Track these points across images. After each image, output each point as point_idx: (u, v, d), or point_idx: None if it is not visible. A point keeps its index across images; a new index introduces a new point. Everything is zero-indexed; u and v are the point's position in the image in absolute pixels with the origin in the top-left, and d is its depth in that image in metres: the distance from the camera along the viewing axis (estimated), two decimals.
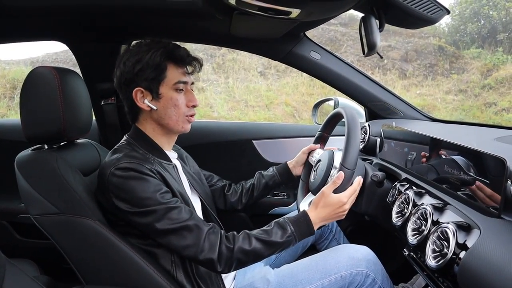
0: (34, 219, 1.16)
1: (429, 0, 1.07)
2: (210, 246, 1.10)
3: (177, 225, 1.09)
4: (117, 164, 1.11)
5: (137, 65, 1.16)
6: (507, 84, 8.51)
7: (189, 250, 1.10)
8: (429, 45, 9.84)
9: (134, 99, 1.19)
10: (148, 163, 1.14)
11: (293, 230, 1.18)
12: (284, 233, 1.17)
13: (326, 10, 1.15)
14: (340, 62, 1.82)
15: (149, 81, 1.17)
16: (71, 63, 8.77)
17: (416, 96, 8.70)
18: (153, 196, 1.09)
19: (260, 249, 1.14)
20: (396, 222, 1.17)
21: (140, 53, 1.17)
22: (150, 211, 1.08)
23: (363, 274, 1.23)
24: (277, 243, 1.16)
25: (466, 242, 0.84)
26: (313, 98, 8.38)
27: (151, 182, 1.11)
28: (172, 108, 1.20)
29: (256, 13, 1.16)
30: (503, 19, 10.21)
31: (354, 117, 1.27)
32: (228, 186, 1.60)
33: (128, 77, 1.18)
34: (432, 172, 1.22)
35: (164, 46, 1.18)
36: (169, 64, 1.18)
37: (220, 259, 1.10)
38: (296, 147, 2.01)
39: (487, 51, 9.83)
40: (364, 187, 1.35)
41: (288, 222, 1.20)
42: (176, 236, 1.10)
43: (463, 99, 8.65)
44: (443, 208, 1.01)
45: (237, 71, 9.06)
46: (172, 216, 1.10)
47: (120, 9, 1.43)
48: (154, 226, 1.09)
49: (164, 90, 1.19)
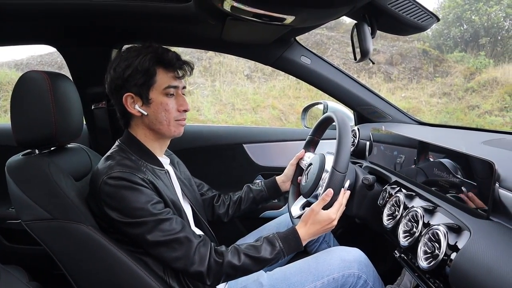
0: (25, 225, 1.15)
1: (419, 8, 1.10)
2: (200, 259, 1.11)
3: (168, 237, 1.10)
4: (109, 173, 1.10)
5: (126, 71, 1.15)
6: (489, 87, 8.69)
7: (179, 262, 1.11)
8: (414, 48, 9.98)
9: (124, 104, 1.19)
10: (141, 172, 1.14)
11: (282, 246, 1.20)
12: (273, 250, 1.19)
13: (320, 16, 1.17)
14: (330, 66, 1.84)
15: (139, 86, 1.16)
16: (56, 66, 8.67)
17: (401, 99, 8.81)
18: (144, 207, 1.09)
19: (249, 264, 1.16)
20: (387, 224, 1.19)
21: (129, 58, 1.16)
22: (141, 222, 1.08)
23: (355, 275, 1.25)
24: (266, 259, 1.18)
25: (457, 243, 0.86)
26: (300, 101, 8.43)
27: (143, 192, 1.11)
28: (163, 113, 1.20)
29: (251, 19, 1.18)
30: (485, 24, 10.43)
31: (345, 121, 1.29)
32: (217, 197, 1.59)
33: (118, 82, 1.17)
34: (421, 175, 1.24)
35: (154, 51, 1.18)
36: (158, 68, 1.17)
37: (209, 272, 1.12)
38: (286, 150, 2.03)
39: (470, 55, 10.02)
40: (355, 190, 1.37)
41: (277, 238, 1.22)
42: (167, 248, 1.10)
43: (447, 102, 8.80)
44: (434, 210, 1.03)
45: (224, 74, 9.05)
46: (163, 227, 1.10)
47: (111, 13, 1.43)
48: (145, 237, 1.09)
49: (154, 95, 1.18)
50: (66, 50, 1.74)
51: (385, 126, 1.69)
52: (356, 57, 1.32)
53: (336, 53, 9.97)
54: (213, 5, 1.13)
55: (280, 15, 1.10)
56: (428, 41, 10.93)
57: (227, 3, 1.04)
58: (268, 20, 1.15)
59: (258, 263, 1.17)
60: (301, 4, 1.02)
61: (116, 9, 1.39)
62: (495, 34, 10.63)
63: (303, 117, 2.27)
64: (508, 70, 8.91)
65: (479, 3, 10.55)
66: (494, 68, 9.26)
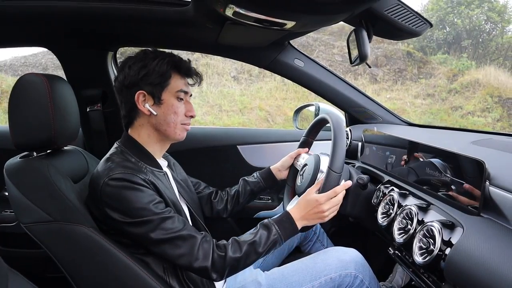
0: (25, 228, 1.14)
1: (413, 15, 1.14)
2: (204, 254, 1.13)
3: (171, 235, 1.11)
4: (110, 174, 1.11)
5: (142, 70, 1.19)
6: (472, 89, 8.89)
7: (183, 259, 1.12)
8: (398, 50, 10.13)
9: (136, 101, 1.21)
10: (142, 173, 1.15)
11: (278, 229, 1.22)
12: (269, 233, 1.21)
13: (319, 22, 1.20)
14: (322, 69, 1.88)
15: (153, 86, 1.20)
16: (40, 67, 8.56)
17: (387, 100, 8.94)
18: (147, 207, 1.10)
19: (250, 252, 1.17)
20: (382, 222, 1.23)
21: (146, 59, 1.20)
22: (145, 221, 1.09)
23: (352, 275, 1.28)
24: (265, 244, 1.19)
25: (451, 239, 0.91)
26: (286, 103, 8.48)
27: (145, 192, 1.12)
28: (172, 115, 1.23)
29: (252, 24, 1.20)
30: (467, 27, 10.66)
31: (340, 123, 1.32)
32: (214, 193, 1.61)
33: (133, 80, 1.20)
34: (412, 175, 1.28)
35: (171, 56, 1.23)
36: (173, 73, 1.23)
37: (214, 267, 1.13)
38: (279, 151, 2.05)
39: (453, 57, 10.23)
40: (349, 190, 1.41)
41: (272, 222, 1.24)
42: (170, 245, 1.11)
43: (431, 103, 8.97)
44: (427, 208, 1.07)
45: (211, 75, 9.05)
46: (166, 226, 1.11)
47: (109, 17, 1.44)
48: (149, 236, 1.10)
49: (166, 97, 1.22)
50: (62, 52, 1.75)
51: (377, 127, 1.73)
52: (353, 61, 1.36)
53: (322, 54, 10.05)
54: (212, 9, 1.16)
55: (281, 21, 1.13)
56: (412, 43, 11.12)
57: (229, 9, 1.07)
58: (269, 25, 1.18)
59: (258, 248, 1.18)
60: (303, 11, 1.05)
61: (114, 13, 1.40)
62: (477, 37, 10.88)
63: (295, 118, 2.29)
64: (489, 71, 9.13)
65: (461, 7, 10.79)
66: (476, 70, 9.47)
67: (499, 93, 8.63)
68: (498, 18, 10.84)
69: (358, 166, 1.69)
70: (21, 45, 1.70)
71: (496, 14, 10.80)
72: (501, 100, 8.56)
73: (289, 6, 1.02)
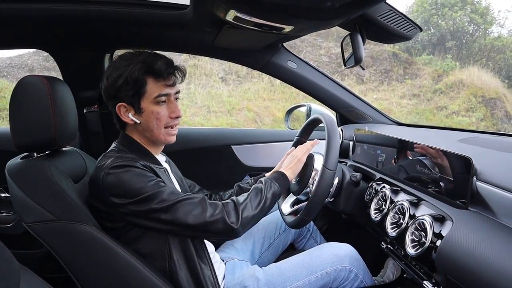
0: (28, 227, 1.15)
1: (405, 20, 1.20)
2: (215, 207, 1.16)
3: (177, 199, 1.13)
4: (110, 164, 1.14)
5: (118, 81, 1.18)
6: (456, 89, 9.04)
7: (197, 216, 1.13)
8: (384, 51, 10.23)
9: (118, 114, 1.23)
10: (142, 161, 1.18)
11: (267, 179, 1.31)
12: (264, 183, 1.29)
13: (316, 26, 1.25)
14: (314, 70, 1.93)
15: (130, 96, 1.19)
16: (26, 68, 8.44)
17: (373, 100, 9.02)
18: (148, 185, 1.12)
19: (255, 196, 1.24)
20: (375, 218, 1.28)
21: (120, 68, 1.18)
22: (148, 196, 1.11)
23: (347, 270, 1.33)
24: (263, 189, 1.27)
25: (441, 231, 0.96)
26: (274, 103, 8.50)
27: (144, 173, 1.14)
28: (154, 121, 1.23)
29: (251, 28, 1.24)
30: (451, 28, 10.84)
31: (333, 123, 1.37)
32: (208, 197, 1.62)
33: (111, 92, 1.20)
34: (402, 172, 1.34)
35: (143, 60, 1.19)
36: (148, 78, 1.19)
37: (229, 215, 1.16)
38: (273, 151, 2.09)
39: (437, 58, 10.38)
40: (343, 187, 1.46)
41: (261, 180, 1.33)
42: (180, 207, 1.13)
43: (416, 103, 9.09)
44: (418, 203, 1.13)
45: (199, 77, 9.01)
46: (169, 196, 1.13)
47: (105, 19, 1.46)
48: (155, 208, 1.11)
49: (145, 105, 1.21)
50: (60, 54, 1.76)
51: (367, 127, 1.78)
52: (346, 63, 1.41)
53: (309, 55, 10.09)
54: (212, 13, 1.19)
55: (280, 25, 1.17)
56: (398, 44, 11.22)
57: (231, 13, 1.10)
58: (268, 29, 1.22)
59: (260, 192, 1.25)
60: (302, 16, 1.09)
61: (112, 16, 1.42)
62: (460, 38, 11.07)
63: (287, 119, 2.33)
64: (473, 72, 9.29)
65: (445, 8, 10.96)
66: (460, 71, 9.64)
67: (482, 93, 8.79)
68: (480, 20, 11.05)
69: (350, 164, 1.74)
70: (18, 47, 1.72)
71: (478, 16, 11.01)
72: (484, 100, 8.72)
73: (289, 11, 1.06)
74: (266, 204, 1.24)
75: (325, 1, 0.90)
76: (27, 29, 1.54)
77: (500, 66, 10.58)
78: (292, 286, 1.30)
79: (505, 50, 10.80)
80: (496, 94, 8.79)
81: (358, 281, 1.35)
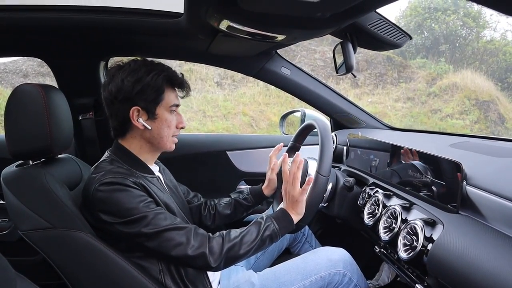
0: (23, 235, 1.16)
1: (395, 28, 1.22)
2: (200, 241, 1.15)
3: (164, 227, 1.13)
4: (101, 179, 1.14)
5: (137, 85, 1.19)
6: (450, 92, 9.10)
7: (179, 248, 1.13)
8: (379, 55, 10.26)
9: (130, 117, 1.22)
10: (132, 177, 1.18)
11: (271, 219, 1.27)
12: (262, 223, 1.25)
13: (308, 35, 1.27)
14: (308, 76, 1.95)
15: (148, 102, 1.21)
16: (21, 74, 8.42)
17: (368, 104, 9.06)
18: (138, 206, 1.13)
19: (247, 237, 1.20)
20: (368, 222, 1.30)
21: (139, 73, 1.20)
22: (137, 219, 1.12)
23: (341, 274, 1.34)
24: (259, 231, 1.22)
25: (432, 235, 0.98)
26: (270, 108, 8.52)
27: (135, 193, 1.15)
28: (166, 128, 1.26)
29: (245, 37, 1.26)
30: (444, 32, 10.92)
31: (326, 128, 1.38)
32: (203, 206, 1.62)
33: (127, 95, 1.20)
34: (395, 176, 1.35)
35: (166, 70, 1.25)
36: (167, 87, 1.24)
37: (212, 253, 1.14)
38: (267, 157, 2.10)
39: (431, 61, 10.45)
40: (336, 192, 1.47)
41: (262, 217, 1.29)
42: (165, 236, 1.13)
43: (411, 106, 9.14)
44: (410, 207, 1.14)
45: (194, 81, 9.00)
46: (157, 221, 1.13)
47: (100, 27, 1.47)
48: (142, 232, 1.12)
49: (160, 111, 1.24)
50: (54, 62, 1.77)
51: (361, 132, 1.80)
52: (338, 71, 1.43)
53: (304, 60, 10.12)
54: (205, 22, 1.20)
55: (273, 34, 1.19)
56: None
57: (224, 23, 1.12)
58: (261, 38, 1.24)
59: (254, 234, 1.22)
60: (294, 26, 1.11)
61: (107, 24, 1.44)
62: (454, 41, 11.15)
63: (281, 124, 2.34)
64: (466, 75, 9.37)
65: (438, 12, 11.03)
66: (454, 74, 9.70)
67: (476, 96, 8.86)
68: (473, 24, 11.14)
69: (344, 169, 1.76)
70: (12, 55, 1.72)
71: (471, 19, 11.10)
72: (478, 102, 8.79)
73: (281, 21, 1.08)
74: (260, 247, 1.22)
75: (316, 11, 0.92)
76: (22, 37, 1.55)
77: (493, 69, 10.67)
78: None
79: (498, 53, 10.89)
80: (490, 96, 8.85)
81: (352, 285, 1.36)
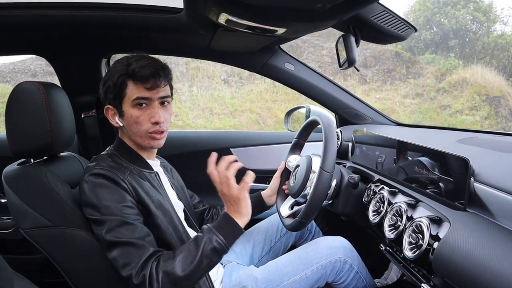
0: (25, 233, 1.16)
1: (399, 20, 1.19)
2: (142, 266, 1.06)
3: (124, 239, 1.07)
4: (91, 169, 1.15)
5: (105, 85, 1.22)
6: (460, 88, 9.01)
7: (126, 268, 1.06)
8: (387, 51, 10.22)
9: (106, 116, 1.26)
10: (121, 173, 1.17)
11: (208, 229, 1.15)
12: (197, 239, 1.13)
13: (309, 28, 1.24)
14: (312, 72, 1.92)
15: (112, 99, 1.22)
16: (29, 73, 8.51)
17: (376, 100, 9.02)
18: (112, 205, 1.10)
19: (187, 254, 1.10)
20: (373, 219, 1.27)
21: (109, 72, 1.22)
22: (104, 220, 1.09)
23: (341, 261, 1.35)
24: (199, 246, 1.10)
25: (438, 233, 0.95)
26: (277, 105, 8.52)
27: (116, 192, 1.13)
28: (134, 125, 1.21)
29: (244, 31, 1.24)
30: (454, 27, 10.81)
31: (330, 124, 1.35)
32: (207, 212, 1.62)
33: (101, 96, 1.25)
34: (401, 173, 1.32)
35: (125, 63, 1.18)
36: (128, 81, 1.18)
37: (151, 278, 1.04)
38: (272, 153, 2.09)
39: (440, 57, 10.37)
40: (341, 189, 1.44)
41: (202, 228, 1.18)
42: (120, 247, 1.07)
43: (420, 102, 9.07)
44: (416, 205, 1.11)
45: (201, 79, 9.03)
46: (122, 230, 1.08)
47: (101, 24, 1.46)
48: (104, 237, 1.08)
49: (125, 108, 1.21)
50: (56, 60, 1.77)
51: (366, 128, 1.77)
52: (341, 65, 1.40)
53: (311, 56, 10.10)
54: (205, 16, 1.18)
55: (273, 28, 1.17)
56: (400, 43, 11.20)
57: (222, 17, 1.10)
58: (260, 32, 1.22)
59: (192, 252, 1.10)
60: (293, 18, 1.09)
61: (108, 21, 1.43)
62: (463, 36, 11.03)
63: (286, 120, 2.31)
64: (476, 70, 9.26)
65: (448, 7, 10.93)
66: (464, 69, 9.61)
67: (486, 92, 8.77)
68: (483, 18, 11.02)
69: (349, 166, 1.73)
70: (15, 53, 1.72)
71: (481, 14, 10.98)
72: (488, 98, 8.70)
73: (280, 14, 1.06)
74: (205, 264, 1.10)
75: (316, 2, 0.89)
76: (24, 35, 1.55)
77: (504, 64, 10.54)
78: (289, 281, 1.31)
79: (509, 48, 10.76)
80: (500, 92, 8.75)
81: (354, 272, 1.37)
